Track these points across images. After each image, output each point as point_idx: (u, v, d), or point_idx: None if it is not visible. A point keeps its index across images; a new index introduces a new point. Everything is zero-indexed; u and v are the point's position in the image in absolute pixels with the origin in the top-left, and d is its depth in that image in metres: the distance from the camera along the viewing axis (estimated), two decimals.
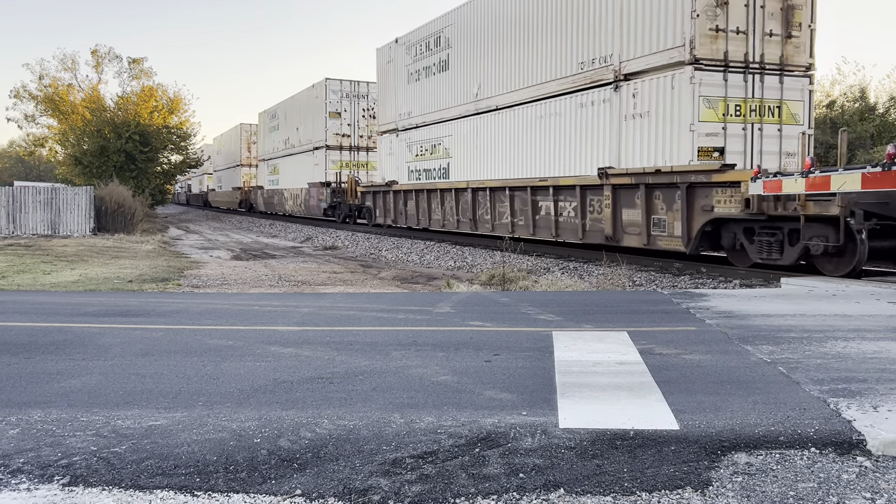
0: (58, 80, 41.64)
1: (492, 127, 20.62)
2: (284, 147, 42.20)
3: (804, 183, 10.10)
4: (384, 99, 28.57)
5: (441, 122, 23.79)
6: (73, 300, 9.63)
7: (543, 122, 18.08)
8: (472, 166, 21.82)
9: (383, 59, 28.34)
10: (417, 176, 25.48)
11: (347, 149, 35.74)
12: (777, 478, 3.46)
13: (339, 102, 35.08)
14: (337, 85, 35.34)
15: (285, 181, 42.50)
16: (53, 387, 4.92)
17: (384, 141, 28.48)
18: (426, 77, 24.64)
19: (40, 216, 26.56)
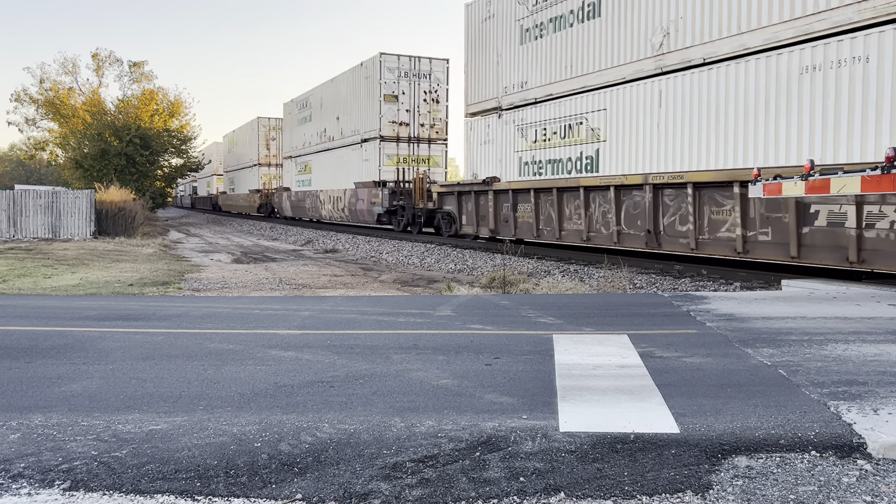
0: (58, 83, 41.71)
1: (696, 91, 13.51)
2: (320, 141, 35.66)
3: (804, 186, 10.10)
4: (477, 69, 21.41)
5: (583, 92, 16.57)
6: (74, 304, 9.63)
7: (815, 77, 11.36)
8: (643, 153, 14.80)
9: (478, 15, 21.29)
10: (537, 170, 18.21)
11: (405, 140, 28.75)
12: (777, 481, 3.46)
13: (395, 83, 28.31)
14: (393, 61, 28.30)
15: (321, 181, 35.63)
16: (54, 391, 4.93)
17: (477, 125, 21.41)
18: (556, 30, 17.62)
19: (41, 220, 26.58)
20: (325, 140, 34.99)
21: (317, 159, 36.29)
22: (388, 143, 28.50)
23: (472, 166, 21.75)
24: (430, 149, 29.23)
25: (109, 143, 37.03)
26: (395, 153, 28.64)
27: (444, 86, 29.25)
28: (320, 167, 35.82)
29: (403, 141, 28.77)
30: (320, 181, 35.75)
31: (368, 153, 29.40)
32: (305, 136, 38.16)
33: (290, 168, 41.50)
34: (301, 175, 39.23)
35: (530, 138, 18.64)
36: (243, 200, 54.10)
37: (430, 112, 29.14)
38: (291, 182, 40.93)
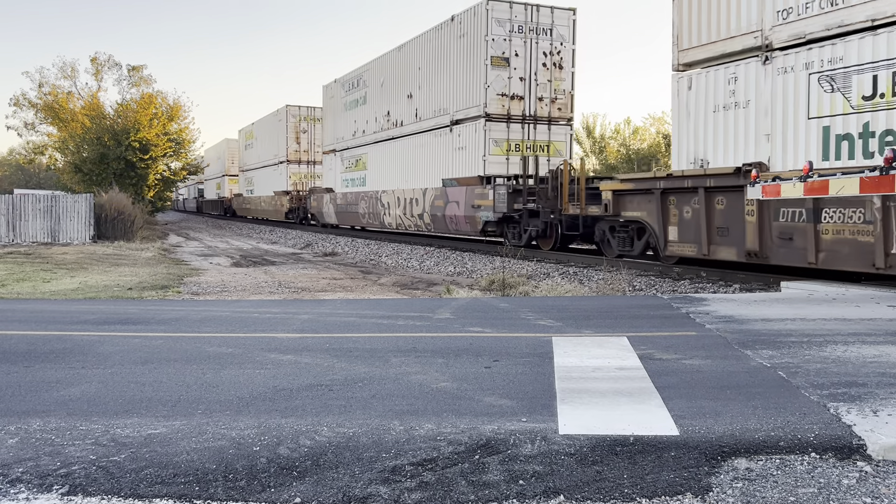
0: (57, 87, 41.69)
1: None
2: (380, 127, 28.22)
3: (803, 187, 10.10)
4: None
5: None
6: (73, 308, 9.62)
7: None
8: None
9: None
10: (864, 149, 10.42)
11: (519, 120, 20.89)
12: (777, 483, 3.46)
13: (506, 41, 20.49)
14: (504, 10, 20.58)
15: (382, 179, 28.03)
16: (52, 395, 4.92)
17: (704, 82, 13.10)
18: None
19: (40, 224, 26.56)
20: (387, 126, 27.46)
21: (375, 152, 28.82)
22: (497, 124, 20.63)
23: (691, 147, 13.41)
24: (549, 131, 21.27)
25: (108, 147, 37.02)
26: (506, 137, 20.84)
27: (570, 45, 21.43)
28: (381, 161, 28.41)
29: (516, 121, 20.78)
30: (381, 179, 28.28)
31: (465, 138, 21.69)
32: (356, 123, 30.49)
33: (332, 164, 34.21)
34: (350, 172, 31.75)
35: (857, 92, 10.57)
36: (267, 204, 46.28)
37: (551, 82, 21.13)
38: (335, 182, 33.54)
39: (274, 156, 44.17)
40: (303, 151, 42.30)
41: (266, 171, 46.45)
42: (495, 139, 20.82)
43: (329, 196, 34.33)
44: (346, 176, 32.44)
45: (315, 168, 42.07)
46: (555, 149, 21.56)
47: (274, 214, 44.65)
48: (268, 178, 45.92)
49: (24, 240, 26.26)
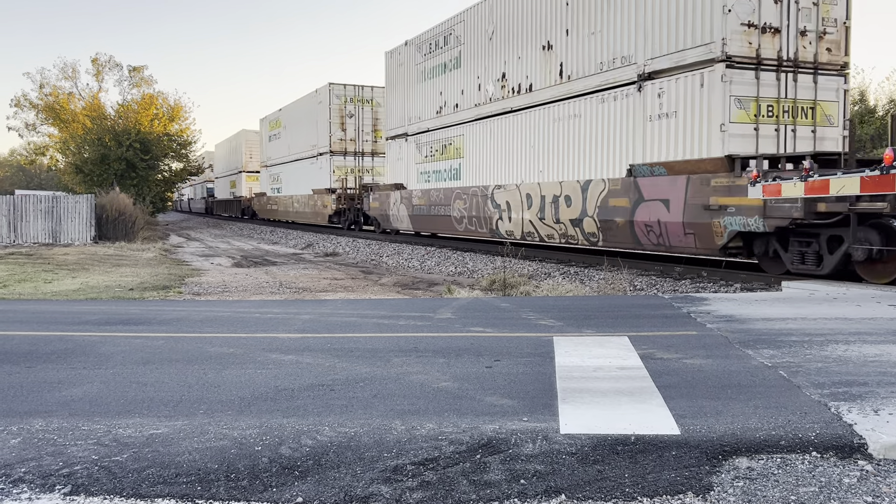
0: (58, 88, 41.76)
1: None
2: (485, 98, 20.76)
3: (803, 186, 10.11)
4: None
5: None
6: (75, 309, 9.64)
7: None
8: None
9: None
10: None
11: (773, 67, 12.97)
12: (778, 482, 3.46)
13: None
14: None
15: (493, 171, 20.60)
16: (55, 396, 4.93)
17: None
18: None
19: (41, 225, 26.58)
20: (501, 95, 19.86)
21: (478, 132, 21.17)
22: (742, 73, 12.79)
23: None
24: (815, 86, 13.42)
25: (109, 147, 37.06)
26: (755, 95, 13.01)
27: None
28: (487, 145, 20.68)
29: (769, 68, 12.97)
30: (489, 170, 20.66)
31: (676, 98, 13.82)
32: (443, 96, 23.22)
33: (402, 153, 26.67)
34: (431, 163, 24.10)
35: None
36: (302, 205, 38.48)
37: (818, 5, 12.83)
38: (406, 175, 26.18)
39: (311, 146, 36.83)
40: (349, 140, 34.80)
41: (300, 165, 38.94)
42: (739, 97, 12.95)
43: (399, 195, 26.34)
44: (425, 168, 24.55)
45: (366, 160, 35.42)
46: (822, 113, 13.90)
47: (313, 217, 36.63)
48: (303, 174, 38.23)
49: (25, 241, 26.28)
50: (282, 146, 42.89)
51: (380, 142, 34.54)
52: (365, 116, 35.37)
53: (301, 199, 38.94)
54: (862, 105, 30.51)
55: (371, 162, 35.61)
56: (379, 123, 34.71)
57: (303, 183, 38.40)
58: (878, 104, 30.75)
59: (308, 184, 37.42)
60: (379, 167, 34.62)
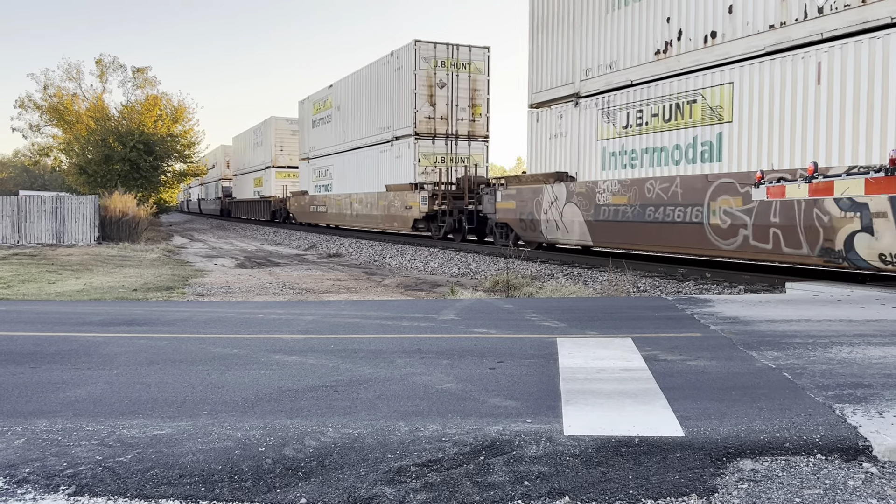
0: (62, 89, 41.92)
1: None
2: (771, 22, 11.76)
3: (807, 188, 10.09)
4: None
5: None
6: (78, 309, 9.65)
7: None
8: None
9: None
10: None
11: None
12: (783, 484, 3.45)
13: None
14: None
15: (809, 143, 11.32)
16: (58, 396, 4.93)
17: None
18: None
19: (45, 225, 26.64)
20: None
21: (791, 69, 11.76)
22: None
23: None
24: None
25: (113, 148, 37.15)
26: None
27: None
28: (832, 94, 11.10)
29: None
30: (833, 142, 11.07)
31: None
32: (674, 21, 14.21)
33: (566, 125, 17.68)
34: (647, 135, 15.01)
35: None
36: (369, 205, 29.61)
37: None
38: (582, 160, 17.04)
39: (383, 129, 28.61)
40: (439, 118, 25.94)
41: (364, 155, 30.63)
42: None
43: (560, 190, 17.44)
44: (625, 145, 15.69)
45: (461, 146, 26.45)
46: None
47: (386, 222, 28.05)
48: (368, 167, 30.15)
49: (29, 241, 26.33)
50: (333, 132, 34.33)
51: (479, 121, 26.96)
52: (461, 86, 26.35)
53: (366, 199, 29.80)
54: None
55: (467, 148, 26.68)
56: (478, 97, 26.78)
57: (368, 178, 30.10)
58: None
59: (377, 178, 28.99)
60: (478, 155, 27.11)
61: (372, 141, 30.08)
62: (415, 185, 25.95)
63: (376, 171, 29.60)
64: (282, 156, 45.55)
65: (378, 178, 29.32)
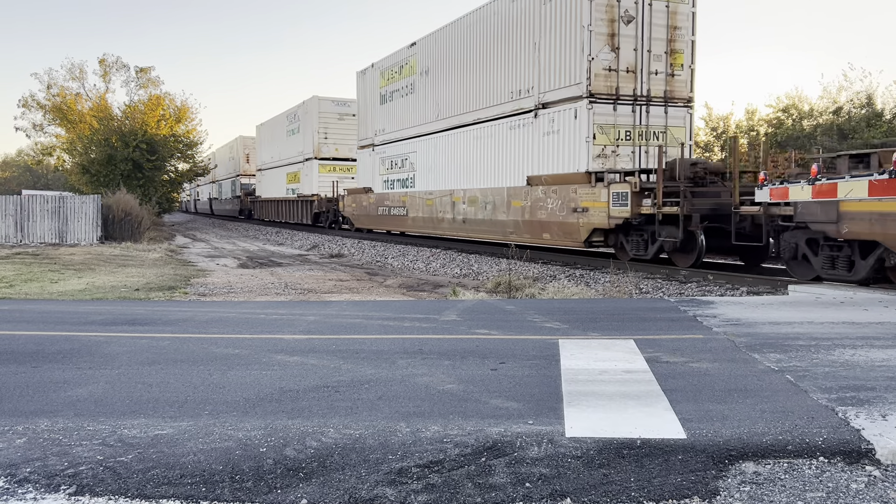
0: (66, 89, 41.92)
1: None
2: None
3: (811, 190, 10.07)
4: None
5: None
6: (80, 309, 9.66)
7: None
8: None
9: None
10: None
11: None
12: (785, 487, 3.44)
13: None
14: None
15: None
16: (60, 396, 4.93)
17: None
18: None
19: (48, 225, 26.68)
20: None
21: None
22: None
23: None
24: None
25: (116, 148, 37.20)
26: None
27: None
28: None
29: None
30: None
31: None
32: None
33: None
34: None
35: None
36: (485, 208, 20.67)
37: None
38: None
39: (515, 93, 19.12)
40: (623, 70, 16.64)
41: (475, 135, 21.28)
42: None
43: None
44: None
45: (655, 113, 17.17)
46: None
47: (533, 232, 18.60)
48: (487, 151, 20.69)
49: (31, 240, 26.37)
50: (416, 107, 25.01)
51: (680, 76, 17.26)
52: (655, 22, 16.86)
53: (485, 199, 20.43)
54: (869, 108, 30.34)
55: (663, 117, 17.26)
56: (679, 39, 17.11)
57: (486, 167, 20.63)
58: (885, 108, 30.59)
59: (507, 167, 19.44)
60: (678, 127, 17.45)
61: (494, 113, 19.88)
62: (592, 175, 16.25)
63: (505, 156, 19.54)
64: (326, 145, 36.82)
65: (508, 166, 19.33)
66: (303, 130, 38.88)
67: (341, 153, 37.04)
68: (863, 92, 30.85)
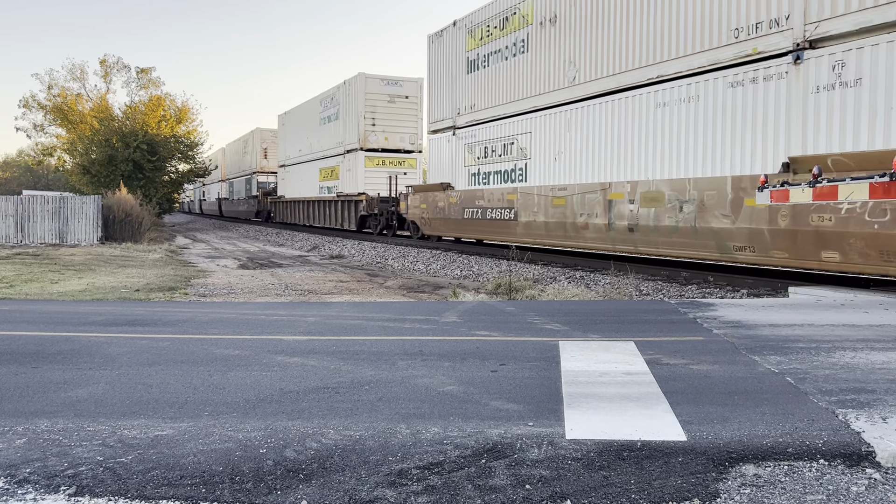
0: (67, 89, 41.98)
1: None
2: None
3: (811, 193, 10.07)
4: None
5: None
6: (81, 309, 9.66)
7: None
8: None
9: None
10: None
11: None
12: (785, 490, 3.44)
13: None
14: None
15: None
16: (60, 396, 4.93)
17: None
18: None
19: (48, 225, 26.69)
20: None
21: None
22: None
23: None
24: None
25: (117, 149, 37.22)
26: None
27: None
28: None
29: None
30: None
31: None
32: None
33: None
34: None
35: None
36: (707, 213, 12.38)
37: None
38: None
39: (745, 29, 12.06)
40: None
41: (650, 100, 14.27)
42: None
43: None
44: None
45: None
46: None
47: (807, 246, 10.71)
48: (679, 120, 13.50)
49: (32, 241, 26.38)
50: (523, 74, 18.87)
51: None
52: None
53: (677, 195, 13.31)
54: None
55: None
56: None
57: (669, 149, 13.83)
58: None
59: (723, 148, 12.56)
60: None
61: (700, 64, 13.09)
62: None
63: (725, 129, 12.63)
64: (374, 134, 30.82)
65: (735, 145, 12.43)
66: (344, 117, 32.64)
67: (395, 143, 31.42)
68: None
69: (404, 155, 31.42)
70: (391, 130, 31.24)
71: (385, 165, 31.16)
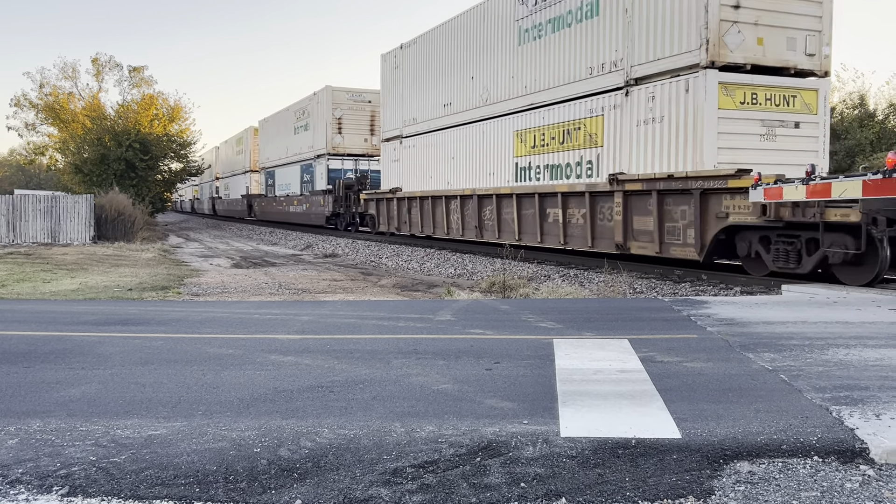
0: (58, 88, 41.82)
1: None
2: None
3: (805, 190, 10.09)
4: None
5: None
6: (73, 309, 9.61)
7: None
8: None
9: None
10: None
11: None
12: (780, 487, 3.44)
13: None
14: None
15: None
16: (52, 396, 4.91)
17: None
18: None
19: (40, 224, 26.55)
20: None
21: None
22: None
23: None
24: None
25: (109, 147, 37.06)
26: None
27: None
28: None
29: None
30: None
31: None
32: None
33: None
34: None
35: None
36: None
37: None
38: None
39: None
40: None
41: None
42: None
43: None
44: None
45: None
46: None
47: None
48: None
49: (24, 240, 26.25)
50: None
51: None
52: None
53: None
54: (861, 109, 30.33)
55: None
56: None
57: None
58: (877, 108, 30.55)
59: None
60: None
61: None
62: None
63: None
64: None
65: None
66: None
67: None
68: (855, 92, 30.85)
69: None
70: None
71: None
